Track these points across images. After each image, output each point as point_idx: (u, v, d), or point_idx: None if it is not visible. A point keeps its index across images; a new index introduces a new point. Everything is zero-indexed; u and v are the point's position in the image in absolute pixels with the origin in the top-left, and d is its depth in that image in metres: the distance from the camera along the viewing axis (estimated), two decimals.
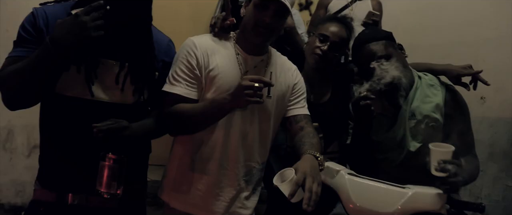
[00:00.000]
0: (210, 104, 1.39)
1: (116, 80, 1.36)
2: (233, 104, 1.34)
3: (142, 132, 1.39)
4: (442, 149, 1.34)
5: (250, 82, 1.26)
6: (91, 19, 1.18)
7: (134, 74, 1.39)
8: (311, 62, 1.78)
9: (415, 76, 1.62)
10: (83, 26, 1.17)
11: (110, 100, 1.37)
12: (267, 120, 1.53)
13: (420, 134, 1.55)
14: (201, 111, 1.39)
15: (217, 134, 1.47)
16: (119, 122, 1.29)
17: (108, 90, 1.36)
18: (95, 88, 1.34)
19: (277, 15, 1.42)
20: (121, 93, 1.38)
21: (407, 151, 1.56)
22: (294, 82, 1.58)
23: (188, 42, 1.49)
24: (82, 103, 1.33)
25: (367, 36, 1.63)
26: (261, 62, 1.52)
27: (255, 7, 1.41)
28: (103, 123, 1.26)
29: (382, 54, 1.56)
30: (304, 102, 1.59)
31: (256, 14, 1.41)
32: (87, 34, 1.18)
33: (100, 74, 1.34)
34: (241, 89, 1.28)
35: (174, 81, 1.44)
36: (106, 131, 1.25)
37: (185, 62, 1.45)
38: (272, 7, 1.40)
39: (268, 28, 1.42)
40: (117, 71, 1.36)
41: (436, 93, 1.58)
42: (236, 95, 1.30)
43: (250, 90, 1.26)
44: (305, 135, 1.48)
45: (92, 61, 1.32)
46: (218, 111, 1.38)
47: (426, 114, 1.55)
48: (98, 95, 1.35)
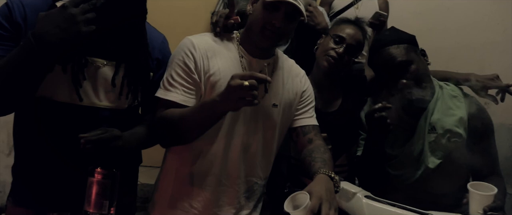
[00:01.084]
0: (200, 108, 1.23)
1: (113, 82, 1.22)
2: (225, 108, 1.18)
3: (135, 142, 1.25)
4: (485, 193, 1.23)
5: (240, 82, 1.09)
6: (81, 11, 1.03)
7: (130, 75, 1.25)
8: (323, 66, 1.65)
9: (435, 86, 1.51)
10: (72, 20, 1.02)
11: (100, 106, 1.23)
12: (272, 131, 1.40)
13: (440, 150, 1.44)
14: (191, 115, 1.23)
15: (217, 146, 1.34)
16: (111, 131, 1.15)
17: (99, 93, 1.22)
18: (83, 92, 1.19)
19: (288, 18, 1.28)
20: (113, 97, 1.24)
21: (425, 168, 1.44)
22: (303, 90, 1.45)
23: (186, 42, 1.34)
24: (67, 108, 1.19)
25: (388, 38, 1.50)
26: (267, 66, 1.38)
27: (264, 7, 1.27)
28: (92, 132, 1.12)
29: (403, 59, 1.43)
30: (312, 112, 1.46)
31: (265, 15, 1.27)
32: (77, 29, 1.03)
33: (88, 75, 1.19)
34: (231, 91, 1.11)
35: (169, 86, 1.29)
36: (96, 142, 1.10)
37: (182, 65, 1.30)
38: (283, 9, 1.26)
39: (277, 32, 1.29)
40: (113, 73, 1.22)
41: (459, 106, 1.46)
42: (226, 97, 1.13)
43: (241, 91, 1.09)
44: (315, 149, 1.35)
45: (79, 60, 1.17)
46: (210, 115, 1.21)
47: (448, 128, 1.43)
48: (87, 99, 1.20)
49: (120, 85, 1.25)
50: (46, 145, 1.19)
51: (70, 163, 1.17)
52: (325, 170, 1.21)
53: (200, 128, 1.26)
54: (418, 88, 1.43)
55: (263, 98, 1.36)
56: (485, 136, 1.45)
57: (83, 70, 1.19)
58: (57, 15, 1.03)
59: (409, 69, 1.42)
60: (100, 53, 1.21)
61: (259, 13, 1.28)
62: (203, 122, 1.24)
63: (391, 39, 1.48)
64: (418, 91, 1.43)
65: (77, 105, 1.19)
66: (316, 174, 1.20)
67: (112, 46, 1.21)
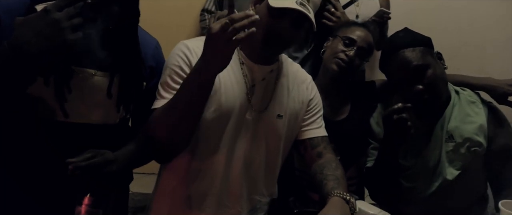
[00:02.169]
0: (185, 84, 1.09)
1: (109, 94, 1.11)
2: (212, 66, 1.02)
3: (129, 162, 1.14)
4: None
5: (220, 22, 0.95)
6: (66, 16, 0.91)
7: (123, 86, 1.14)
8: (332, 69, 1.55)
9: (451, 91, 1.43)
10: (56, 27, 0.90)
11: (89, 121, 1.11)
12: (276, 144, 1.30)
13: (459, 160, 1.35)
14: (177, 97, 1.10)
15: (217, 163, 1.23)
16: (102, 154, 1.04)
17: (87, 108, 1.11)
18: (69, 106, 1.07)
19: (295, 26, 1.16)
20: (104, 111, 1.13)
21: (442, 180, 1.36)
22: (310, 98, 1.35)
23: (181, 46, 1.23)
24: (50, 125, 1.07)
25: (402, 40, 1.40)
26: (270, 73, 1.28)
27: (269, 12, 1.15)
28: (81, 156, 1.00)
29: (418, 63, 1.34)
30: (320, 121, 1.36)
31: (270, 21, 1.15)
32: (62, 38, 0.90)
33: (75, 88, 1.07)
34: (214, 38, 0.96)
35: (165, 92, 1.18)
36: (86, 168, 0.99)
37: (177, 70, 1.19)
38: (290, 15, 1.15)
39: (282, 41, 1.18)
40: (103, 84, 1.11)
41: (478, 112, 1.38)
42: (211, 51, 0.99)
43: (224, 33, 0.94)
44: (326, 165, 1.25)
45: (64, 71, 1.05)
46: (198, 85, 1.06)
47: (467, 137, 1.35)
48: (73, 115, 1.08)
49: (118, 98, 1.14)
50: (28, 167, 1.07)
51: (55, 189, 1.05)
52: (339, 191, 1.11)
53: (192, 109, 1.10)
54: (435, 94, 1.34)
55: (267, 109, 1.26)
56: (504, 143, 1.37)
57: (68, 82, 1.07)
58: (38, 21, 0.90)
59: (425, 74, 1.34)
60: (88, 62, 1.09)
61: (263, 18, 1.14)
62: (193, 98, 1.08)
63: (406, 41, 1.38)
64: (434, 97, 1.34)
65: (62, 122, 1.08)
66: (329, 197, 1.11)
67: (101, 54, 1.09)
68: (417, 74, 1.34)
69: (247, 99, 1.23)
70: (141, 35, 1.18)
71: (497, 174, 1.38)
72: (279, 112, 1.27)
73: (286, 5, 1.11)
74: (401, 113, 1.23)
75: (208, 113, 1.18)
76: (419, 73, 1.34)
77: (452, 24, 2.85)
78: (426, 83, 1.34)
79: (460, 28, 2.86)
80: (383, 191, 1.44)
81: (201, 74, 1.04)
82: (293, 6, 1.11)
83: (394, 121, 1.24)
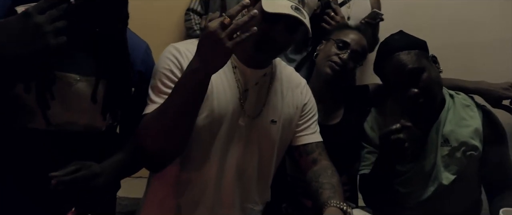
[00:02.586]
0: (179, 85, 1.03)
1: (93, 99, 1.05)
2: (210, 65, 0.98)
3: (116, 174, 1.09)
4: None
5: (218, 20, 0.93)
6: (48, 19, 0.85)
7: (110, 92, 1.09)
8: (326, 73, 1.52)
9: (446, 95, 1.42)
10: (38, 31, 0.84)
11: (73, 129, 1.06)
12: (270, 151, 1.26)
13: (454, 164, 1.34)
14: (170, 100, 1.04)
15: (209, 172, 1.18)
16: (88, 166, 0.98)
17: (71, 115, 1.05)
18: (52, 114, 1.02)
19: (289, 30, 1.13)
20: (89, 119, 1.08)
21: (438, 185, 1.34)
22: (304, 102, 1.31)
23: (171, 49, 1.19)
24: (32, 134, 1.01)
25: (397, 43, 1.39)
26: (264, 77, 1.24)
27: (263, 16, 1.09)
28: (65, 170, 0.94)
29: (414, 66, 1.32)
30: (315, 126, 1.33)
31: (264, 26, 1.09)
32: (45, 43, 0.84)
33: (58, 94, 1.02)
34: (211, 36, 0.93)
35: (156, 97, 1.13)
36: (70, 183, 0.93)
37: (168, 74, 1.14)
38: (284, 21, 1.11)
39: (276, 46, 1.14)
40: (88, 90, 1.06)
41: (473, 116, 1.38)
42: (207, 50, 0.95)
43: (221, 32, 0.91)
44: (321, 173, 1.22)
45: (47, 77, 1.00)
46: (193, 85, 1.01)
47: (463, 140, 1.34)
48: (56, 123, 1.03)
49: (104, 105, 1.09)
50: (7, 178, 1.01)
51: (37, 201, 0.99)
52: (335, 201, 1.09)
53: (185, 113, 1.04)
54: (430, 98, 1.33)
55: (260, 115, 1.22)
56: (498, 148, 1.37)
57: (51, 88, 1.01)
58: (18, 24, 0.84)
59: (421, 77, 1.32)
60: (73, 67, 1.04)
61: (256, 23, 1.08)
62: (187, 101, 1.02)
63: (401, 44, 1.37)
64: (429, 101, 1.33)
65: (44, 131, 1.02)
66: (326, 207, 1.08)
67: (87, 59, 1.04)
68: (412, 77, 1.33)
69: (239, 105, 1.20)
70: (130, 38, 1.13)
71: (491, 178, 1.37)
72: (273, 117, 1.24)
73: (281, 11, 1.07)
74: (399, 133, 1.20)
75: (200, 118, 1.14)
76: (414, 76, 1.33)
77: (441, 23, 2.78)
78: (421, 86, 1.32)
79: (449, 27, 2.78)
80: (379, 198, 1.42)
81: (196, 75, 1.00)
82: (288, 12, 1.07)
83: (391, 141, 1.21)
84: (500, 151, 1.37)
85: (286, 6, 1.08)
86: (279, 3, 1.09)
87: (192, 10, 2.47)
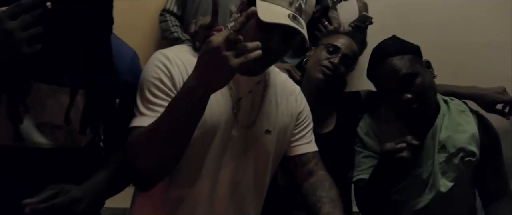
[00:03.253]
0: (174, 103, 0.96)
1: (67, 116, 0.96)
2: (211, 83, 0.91)
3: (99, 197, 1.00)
4: None
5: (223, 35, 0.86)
6: (21, 25, 0.77)
7: (90, 104, 0.99)
8: (317, 78, 1.47)
9: (440, 100, 1.40)
10: (10, 39, 0.76)
11: (49, 146, 0.96)
12: (264, 162, 1.19)
13: (452, 171, 1.32)
14: (164, 118, 0.96)
15: (201, 187, 1.11)
16: (67, 191, 0.90)
17: (47, 130, 0.96)
18: (25, 129, 0.93)
19: (285, 39, 1.06)
20: (67, 134, 0.98)
21: (436, 192, 1.32)
22: (299, 110, 1.26)
23: (159, 56, 1.10)
24: (3, 152, 0.91)
25: (390, 47, 1.36)
26: (257, 84, 1.17)
27: (258, 24, 1.01)
28: (41, 196, 0.86)
29: (407, 71, 1.30)
30: (311, 136, 1.27)
31: (259, 35, 1.00)
32: (17, 51, 0.77)
33: (32, 107, 0.92)
34: (214, 52, 0.85)
35: (146, 110, 1.04)
36: (47, 210, 0.84)
37: (157, 83, 1.06)
38: (281, 30, 1.03)
39: (272, 56, 1.07)
40: (67, 102, 0.96)
41: (469, 121, 1.36)
42: (210, 66, 0.88)
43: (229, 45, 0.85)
44: (319, 185, 1.17)
45: (20, 88, 0.90)
46: (191, 104, 0.93)
47: (461, 146, 1.32)
48: (30, 139, 0.93)
49: (85, 119, 0.99)
50: None
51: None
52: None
53: (181, 132, 0.97)
54: (424, 103, 1.30)
55: (254, 124, 1.15)
56: (494, 154, 1.36)
57: (24, 100, 0.91)
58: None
59: (414, 83, 1.30)
60: (49, 76, 0.94)
61: (251, 30, 1.01)
62: (183, 120, 0.95)
63: (395, 49, 1.35)
64: (423, 107, 1.30)
65: (16, 147, 0.92)
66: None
67: (65, 68, 0.94)
68: (405, 83, 1.31)
69: (233, 114, 1.13)
70: (116, 45, 1.04)
71: (487, 185, 1.36)
72: (268, 127, 1.17)
73: (277, 20, 1.00)
74: (403, 152, 1.17)
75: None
76: (407, 82, 1.31)
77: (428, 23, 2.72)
78: (414, 92, 1.31)
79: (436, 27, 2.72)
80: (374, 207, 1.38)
81: (194, 93, 0.91)
82: (285, 21, 1.00)
83: (394, 159, 1.18)
84: (495, 157, 1.36)
85: (283, 14, 1.01)
86: (275, 11, 1.02)
87: (168, 11, 2.37)
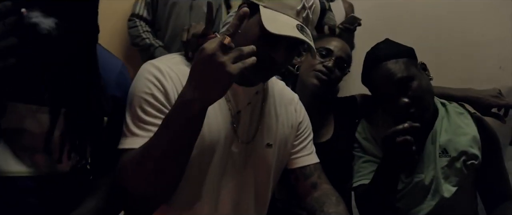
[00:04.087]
0: (168, 120, 0.86)
1: (47, 139, 0.86)
2: (207, 95, 0.82)
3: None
4: None
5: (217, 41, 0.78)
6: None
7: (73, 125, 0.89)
8: (312, 84, 1.41)
9: (437, 103, 1.37)
10: None
11: (28, 174, 0.86)
12: (266, 177, 1.13)
13: (455, 175, 1.29)
14: (159, 137, 0.87)
15: (202, 207, 1.03)
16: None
17: (25, 156, 0.85)
18: (1, 155, 0.82)
19: (290, 50, 0.99)
20: (48, 160, 0.88)
21: (440, 198, 1.28)
22: (299, 121, 1.20)
23: (150, 68, 1.01)
24: None
25: (384, 52, 1.33)
26: (256, 95, 1.10)
27: (262, 33, 0.93)
28: None
29: (402, 75, 1.27)
30: (311, 146, 1.22)
31: (263, 45, 0.92)
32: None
33: (8, 130, 0.82)
34: (209, 61, 0.77)
35: (137, 129, 0.95)
36: None
37: (149, 99, 0.97)
38: (286, 41, 0.96)
39: (275, 67, 1.00)
40: (47, 124, 0.86)
41: (468, 124, 1.34)
42: (204, 76, 0.79)
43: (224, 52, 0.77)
44: (325, 201, 1.11)
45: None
46: (187, 119, 0.84)
47: (463, 150, 1.29)
48: (5, 166, 0.83)
49: (59, 142, 0.87)
50: None
51: None
52: None
53: (178, 151, 0.88)
54: (422, 107, 1.27)
55: (254, 139, 1.08)
56: (494, 156, 1.34)
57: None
58: None
59: (410, 86, 1.27)
60: (26, 95, 0.84)
61: (252, 38, 0.94)
62: (180, 138, 0.86)
63: (388, 53, 1.31)
64: (421, 111, 1.27)
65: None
66: None
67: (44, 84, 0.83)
68: (401, 87, 1.28)
69: (232, 129, 1.05)
70: (102, 57, 0.94)
71: (490, 188, 1.34)
72: (268, 141, 1.10)
73: (287, 33, 0.92)
74: (406, 134, 1.11)
75: None
76: (403, 85, 1.28)
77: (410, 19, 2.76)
78: (411, 96, 1.27)
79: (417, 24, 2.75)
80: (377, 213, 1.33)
81: (189, 107, 0.83)
82: (295, 34, 0.93)
83: (397, 143, 1.11)
84: (497, 159, 1.34)
85: (291, 25, 0.94)
86: (282, 21, 0.94)
87: (138, 16, 2.26)
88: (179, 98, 0.85)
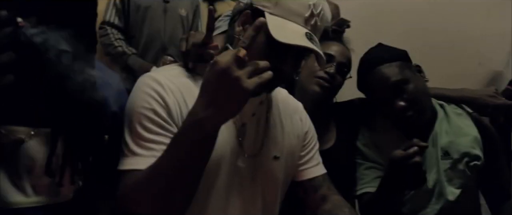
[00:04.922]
0: (177, 141, 0.81)
1: (48, 165, 0.79)
2: (222, 113, 0.76)
3: None
4: None
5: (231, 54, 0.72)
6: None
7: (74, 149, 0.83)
8: (313, 91, 1.37)
9: (435, 105, 1.37)
10: None
11: (28, 204, 0.79)
12: (274, 191, 1.08)
13: (458, 177, 1.29)
14: (167, 160, 0.81)
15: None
16: None
17: (24, 184, 0.79)
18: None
19: (298, 59, 0.95)
20: (49, 186, 0.81)
21: (444, 201, 1.28)
22: (305, 130, 1.15)
23: (148, 81, 0.94)
24: None
25: (377, 56, 1.33)
26: (260, 105, 1.05)
27: (270, 42, 0.87)
28: None
29: (397, 79, 1.27)
30: (318, 157, 1.18)
31: (270, 54, 0.87)
32: None
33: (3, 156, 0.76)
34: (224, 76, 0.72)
35: (139, 149, 0.88)
36: None
37: (151, 116, 0.90)
38: (295, 50, 0.91)
39: (282, 77, 0.94)
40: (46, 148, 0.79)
41: (468, 124, 1.34)
42: (218, 92, 0.74)
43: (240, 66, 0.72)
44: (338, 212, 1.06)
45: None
46: (199, 140, 0.78)
47: (465, 151, 1.29)
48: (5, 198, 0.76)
49: (60, 164, 0.81)
50: None
51: None
52: None
53: (189, 174, 0.82)
54: (418, 109, 1.27)
55: (261, 152, 1.03)
56: (495, 156, 1.35)
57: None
58: None
59: (406, 89, 1.28)
60: (23, 118, 0.77)
61: (260, 49, 0.88)
62: (191, 160, 0.80)
63: (382, 57, 1.32)
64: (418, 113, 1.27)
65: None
66: None
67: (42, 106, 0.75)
68: (397, 90, 1.28)
69: (237, 143, 1.00)
70: (99, 71, 0.85)
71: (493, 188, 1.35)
72: (275, 153, 1.06)
73: (296, 42, 0.87)
74: (417, 157, 1.08)
75: None
76: (398, 89, 1.28)
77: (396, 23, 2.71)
78: (407, 99, 1.27)
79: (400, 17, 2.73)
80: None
81: (201, 127, 0.76)
82: (305, 43, 0.88)
83: (407, 166, 1.09)
84: (498, 158, 1.35)
85: (300, 34, 0.90)
86: (291, 29, 0.90)
87: (109, 24, 2.16)
88: (190, 116, 0.79)
